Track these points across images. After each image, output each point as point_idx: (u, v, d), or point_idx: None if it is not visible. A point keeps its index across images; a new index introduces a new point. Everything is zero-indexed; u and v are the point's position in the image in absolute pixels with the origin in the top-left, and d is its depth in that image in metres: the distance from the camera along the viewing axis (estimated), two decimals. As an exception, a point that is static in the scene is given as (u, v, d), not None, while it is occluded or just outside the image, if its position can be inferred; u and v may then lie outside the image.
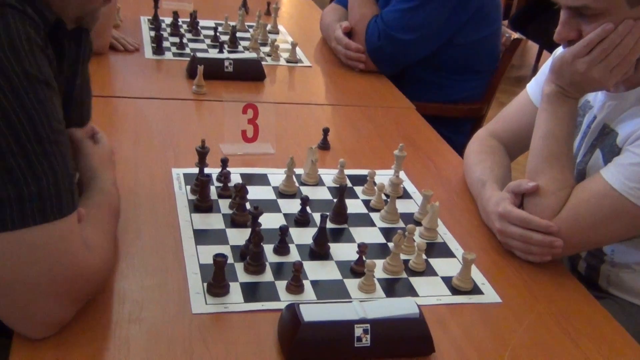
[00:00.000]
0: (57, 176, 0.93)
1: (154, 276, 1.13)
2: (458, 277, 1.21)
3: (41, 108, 0.92)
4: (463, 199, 1.53)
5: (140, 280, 1.12)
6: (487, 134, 1.62)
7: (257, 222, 1.20)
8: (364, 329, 0.99)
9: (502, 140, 1.59)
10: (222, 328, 1.05)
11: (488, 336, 1.12)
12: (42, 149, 0.92)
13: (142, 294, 1.08)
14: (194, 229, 1.27)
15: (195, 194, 1.35)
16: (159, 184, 1.41)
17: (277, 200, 1.41)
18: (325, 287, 1.17)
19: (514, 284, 1.26)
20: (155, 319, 1.04)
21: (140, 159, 1.50)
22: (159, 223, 1.27)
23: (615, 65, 1.25)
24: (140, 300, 1.07)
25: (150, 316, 1.04)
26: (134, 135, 1.61)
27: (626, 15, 1.22)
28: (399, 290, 1.20)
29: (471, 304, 1.19)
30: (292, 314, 1.00)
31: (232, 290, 1.12)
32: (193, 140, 1.56)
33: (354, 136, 1.79)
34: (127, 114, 1.73)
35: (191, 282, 1.12)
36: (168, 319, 1.04)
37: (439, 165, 1.68)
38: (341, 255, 1.26)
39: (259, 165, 1.55)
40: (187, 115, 1.78)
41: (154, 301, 1.07)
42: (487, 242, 1.37)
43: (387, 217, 1.39)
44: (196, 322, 1.05)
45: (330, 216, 1.35)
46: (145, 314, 1.04)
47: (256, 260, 1.17)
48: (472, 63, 2.27)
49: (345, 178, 1.52)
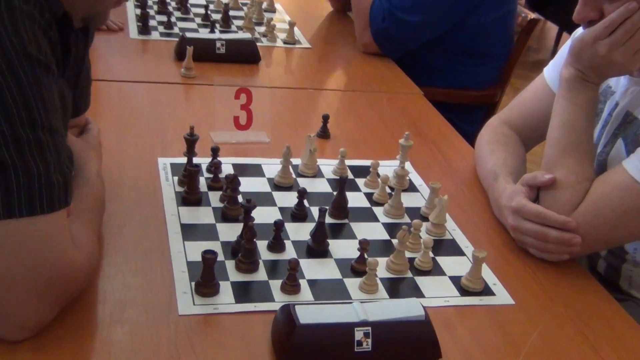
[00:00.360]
0: (49, 167, 0.93)
1: (138, 274, 1.13)
2: (467, 276, 1.21)
3: (38, 92, 0.92)
4: (474, 192, 1.52)
5: (123, 278, 1.12)
6: (500, 122, 1.61)
7: (250, 216, 1.20)
8: (365, 332, 0.99)
9: (517, 129, 1.59)
10: (211, 331, 1.05)
11: (499, 341, 1.12)
12: (36, 136, 0.91)
13: (125, 294, 1.08)
14: (182, 224, 1.27)
15: (183, 186, 1.35)
16: (144, 175, 1.41)
17: (272, 192, 1.41)
18: (323, 287, 1.17)
19: (528, 284, 1.26)
20: (139, 321, 1.04)
21: (124, 147, 1.50)
22: (143, 217, 1.27)
23: (639, 48, 1.25)
24: (123, 301, 1.07)
25: (133, 318, 1.04)
26: (117, 122, 1.61)
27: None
28: (404, 290, 1.20)
29: (481, 305, 1.19)
30: (287, 316, 1.00)
31: (222, 290, 1.12)
32: (181, 127, 1.56)
33: (356, 124, 1.79)
34: (110, 99, 1.72)
35: (178, 281, 1.12)
36: (153, 321, 1.04)
37: (448, 155, 1.68)
38: (341, 252, 1.26)
39: (252, 154, 1.55)
40: (175, 100, 1.77)
41: (137, 301, 1.07)
42: (500, 239, 1.37)
43: (391, 212, 1.39)
44: (183, 324, 1.05)
45: (330, 210, 1.35)
46: (128, 315, 1.04)
47: (249, 257, 1.17)
48: (485, 46, 2.26)
49: (346, 169, 1.51)
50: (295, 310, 1.00)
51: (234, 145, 1.57)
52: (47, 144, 0.93)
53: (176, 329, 1.04)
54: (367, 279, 1.17)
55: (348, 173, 1.51)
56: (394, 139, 1.63)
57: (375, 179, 1.48)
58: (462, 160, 1.67)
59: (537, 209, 1.30)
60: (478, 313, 1.17)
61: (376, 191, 1.45)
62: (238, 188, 1.30)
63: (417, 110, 1.91)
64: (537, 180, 1.32)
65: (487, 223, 1.42)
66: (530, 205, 1.30)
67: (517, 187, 1.35)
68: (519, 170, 1.47)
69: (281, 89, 1.91)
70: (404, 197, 1.41)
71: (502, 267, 1.29)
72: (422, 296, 1.18)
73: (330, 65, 2.17)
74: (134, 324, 1.03)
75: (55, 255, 0.95)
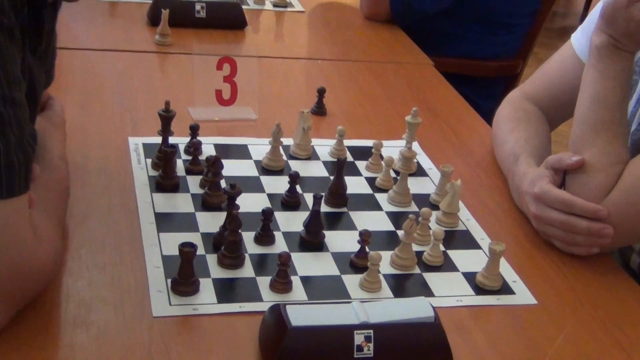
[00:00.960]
0: (9, 146, 0.92)
1: (106, 271, 1.13)
2: (483, 272, 1.22)
3: (0, 58, 0.91)
4: (491, 176, 1.53)
5: (89, 275, 1.12)
6: (521, 96, 1.61)
7: (235, 204, 1.20)
8: (366, 335, 1.00)
9: (540, 104, 1.59)
10: (190, 335, 1.05)
11: (519, 346, 1.12)
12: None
13: (91, 293, 1.08)
14: (156, 212, 1.27)
15: (158, 169, 1.35)
16: (113, 157, 1.40)
17: (259, 177, 1.41)
18: (318, 285, 1.17)
19: (553, 282, 1.26)
20: (107, 324, 1.04)
21: (89, 125, 1.50)
22: (112, 205, 1.27)
23: None
24: (89, 301, 1.07)
25: (100, 320, 1.04)
26: (82, 97, 1.60)
27: None
28: (411, 288, 1.20)
29: (499, 306, 1.19)
30: (277, 318, 1.01)
31: (202, 289, 1.12)
32: (155, 102, 1.55)
33: (357, 98, 1.79)
34: (74, 70, 1.72)
35: (152, 279, 1.13)
36: (123, 324, 1.04)
37: (461, 134, 1.68)
38: (339, 245, 1.26)
39: (237, 133, 1.55)
40: (149, 71, 1.77)
41: (105, 301, 1.07)
42: (520, 230, 1.38)
43: (396, 199, 1.39)
44: (158, 327, 1.05)
45: (326, 197, 1.35)
46: (94, 317, 1.05)
47: (233, 251, 1.17)
48: (504, 11, 2.26)
49: (344, 150, 1.52)
50: (286, 311, 1.00)
51: (216, 123, 1.57)
52: (8, 117, 0.92)
53: (150, 332, 1.04)
54: (368, 276, 1.17)
55: (347, 155, 1.51)
56: (400, 116, 1.63)
57: (378, 162, 1.48)
58: (477, 141, 1.67)
59: (563, 196, 1.30)
60: (495, 314, 1.18)
61: (379, 175, 1.45)
62: (220, 172, 1.30)
63: (427, 83, 1.90)
64: (564, 163, 1.33)
65: (506, 212, 1.42)
66: (555, 192, 1.31)
67: (540, 171, 1.36)
68: (542, 151, 1.47)
69: (270, 59, 1.91)
70: (411, 182, 1.42)
71: (523, 262, 1.30)
72: (432, 295, 1.18)
73: (327, 31, 2.17)
74: (102, 327, 1.03)
75: (15, 248, 0.94)
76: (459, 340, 1.10)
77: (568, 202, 1.29)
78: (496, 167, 1.54)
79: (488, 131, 1.68)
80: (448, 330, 1.05)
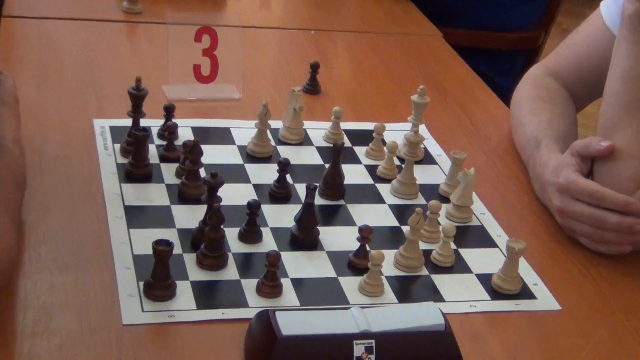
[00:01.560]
0: None
1: (69, 272, 1.13)
2: (500, 274, 1.22)
3: None
4: (509, 164, 1.53)
5: (50, 278, 1.12)
6: (544, 72, 1.62)
7: (216, 195, 1.20)
8: (367, 346, 1.00)
9: (565, 82, 1.59)
10: (165, 346, 1.05)
11: (541, 357, 1.13)
12: None
13: (52, 297, 1.09)
14: (126, 206, 1.27)
15: (128, 156, 1.35)
16: (76, 142, 1.40)
17: (244, 165, 1.41)
18: (312, 288, 1.17)
19: (579, 285, 1.27)
20: (71, 332, 1.04)
21: (47, 105, 1.50)
22: (75, 197, 1.27)
23: None
24: (49, 306, 1.07)
25: (63, 328, 1.04)
26: (39, 72, 1.60)
27: None
28: (417, 292, 1.21)
29: (518, 312, 1.20)
30: (265, 326, 1.01)
31: (179, 293, 1.12)
32: (124, 79, 1.55)
33: (355, 75, 1.79)
34: (29, 42, 1.71)
35: (121, 281, 1.13)
36: (89, 332, 1.04)
37: (475, 116, 1.69)
38: (335, 243, 1.26)
39: (218, 115, 1.55)
40: (116, 43, 1.77)
41: (68, 307, 1.08)
42: (542, 225, 1.38)
43: (401, 190, 1.40)
44: (128, 336, 1.05)
45: (320, 188, 1.35)
46: (56, 324, 1.05)
47: (214, 249, 1.17)
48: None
49: (341, 134, 1.52)
50: (275, 319, 1.00)
51: (193, 103, 1.57)
52: None
53: (119, 342, 1.04)
54: (369, 278, 1.18)
55: (344, 140, 1.51)
56: (405, 95, 1.63)
57: (380, 148, 1.48)
58: (493, 123, 1.67)
59: (591, 187, 1.30)
60: (514, 321, 1.18)
61: (381, 163, 1.45)
62: (200, 159, 1.30)
63: (436, 58, 1.91)
64: (592, 149, 1.33)
65: (527, 205, 1.43)
66: (582, 182, 1.31)
67: (565, 158, 1.36)
68: (567, 135, 1.47)
69: (256, 29, 1.91)
70: (417, 170, 1.42)
71: (546, 262, 1.30)
72: (442, 300, 1.19)
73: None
74: (65, 335, 1.03)
75: None
76: (473, 351, 1.10)
77: (597, 194, 1.29)
78: (515, 154, 1.55)
79: (505, 112, 1.69)
80: (460, 340, 1.05)
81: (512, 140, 1.58)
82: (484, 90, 1.80)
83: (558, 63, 1.62)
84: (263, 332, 1.01)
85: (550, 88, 1.58)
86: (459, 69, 1.88)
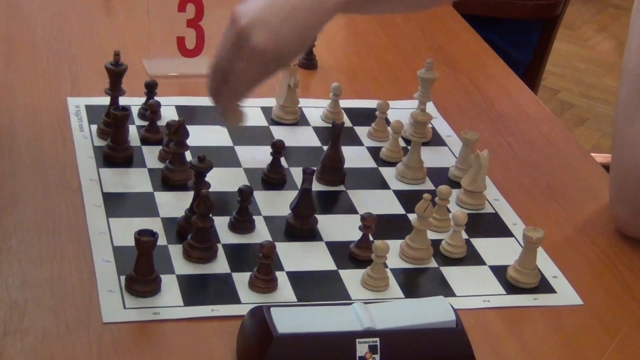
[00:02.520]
0: None
1: (43, 266, 1.14)
2: (517, 266, 1.23)
3: None
4: (525, 146, 1.54)
5: (22, 272, 1.12)
6: None
7: (204, 181, 1.20)
8: (371, 345, 1.00)
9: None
10: (149, 345, 1.06)
11: (562, 355, 1.14)
12: None
13: (25, 294, 1.09)
14: (104, 193, 1.27)
15: (106, 138, 1.36)
16: (48, 123, 1.41)
17: (234, 147, 1.42)
18: (310, 282, 1.18)
19: (603, 278, 1.28)
20: (46, 331, 1.04)
21: (16, 82, 1.50)
22: (48, 184, 1.27)
23: None
24: (22, 304, 1.07)
25: (37, 327, 1.05)
26: (6, 46, 1.60)
27: None
28: (425, 286, 1.21)
29: (536, 307, 1.20)
30: (259, 324, 1.01)
31: (165, 288, 1.13)
32: (101, 53, 1.55)
33: (355, 48, 1.79)
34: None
35: (101, 276, 1.13)
36: (65, 331, 1.05)
37: (488, 93, 1.69)
38: (335, 233, 1.27)
39: (205, 92, 1.54)
40: (91, 13, 1.76)
41: (43, 304, 1.08)
42: (562, 212, 1.39)
43: (407, 174, 1.40)
44: (109, 335, 1.05)
45: (318, 172, 1.36)
46: (29, 323, 1.05)
47: (203, 240, 1.18)
48: None
49: (341, 113, 1.52)
50: (270, 315, 1.01)
51: (178, 79, 1.57)
52: None
53: (99, 342, 1.04)
54: (372, 271, 1.18)
55: (344, 119, 1.52)
56: (411, 70, 1.63)
57: (384, 128, 1.49)
58: (508, 100, 1.67)
59: None
60: (531, 317, 1.19)
61: (385, 145, 1.46)
62: (185, 141, 1.31)
63: (444, 28, 1.91)
64: None
65: (544, 190, 1.43)
66: None
67: None
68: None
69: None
70: (424, 153, 1.42)
71: (566, 252, 1.31)
72: (452, 294, 1.19)
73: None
74: (39, 335, 1.04)
75: None
76: (487, 350, 1.11)
77: None
78: (532, 134, 1.56)
79: (522, 88, 1.69)
80: (473, 338, 1.05)
81: (529, 120, 1.58)
82: (498, 63, 1.80)
83: None
84: (257, 330, 1.01)
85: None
86: (470, 40, 1.88)
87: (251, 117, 1.46)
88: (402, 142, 1.46)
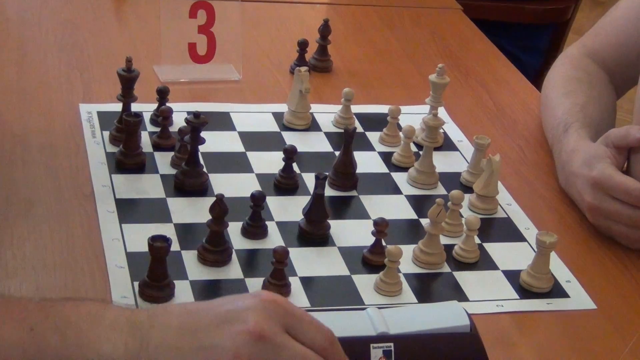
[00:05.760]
0: None
1: (56, 273, 1.14)
2: (530, 271, 1.23)
3: None
4: (537, 150, 1.54)
5: (35, 278, 1.12)
6: (582, 52, 1.60)
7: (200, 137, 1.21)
8: (385, 350, 1.00)
9: (604, 64, 1.58)
10: (164, 350, 1.07)
11: (575, 359, 1.15)
12: None
13: (39, 299, 1.10)
14: (117, 199, 1.28)
15: (118, 144, 1.36)
16: (60, 130, 1.41)
17: (246, 153, 1.42)
18: (323, 288, 1.19)
19: (616, 282, 1.28)
20: (61, 337, 1.05)
21: (29, 89, 1.50)
22: (61, 190, 1.28)
23: None
24: (36, 308, 1.08)
25: (52, 332, 1.06)
26: (19, 52, 1.61)
27: None
28: (439, 291, 1.22)
29: (550, 312, 1.21)
30: (272, 328, 1.02)
31: (178, 293, 1.13)
32: (113, 59, 1.56)
33: (367, 54, 1.79)
34: (8, 20, 1.71)
35: (114, 281, 1.13)
36: (80, 337, 1.06)
37: (499, 98, 1.69)
38: (348, 238, 1.28)
39: (216, 98, 1.56)
40: (103, 19, 1.76)
41: (57, 309, 1.09)
42: (576, 217, 1.39)
43: (419, 179, 1.40)
44: (124, 340, 1.06)
45: (331, 178, 1.36)
46: (44, 328, 1.06)
47: (217, 244, 1.18)
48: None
49: (352, 118, 1.53)
50: (284, 320, 1.01)
51: (189, 85, 1.57)
52: None
53: (114, 347, 1.05)
54: (385, 276, 1.19)
55: (356, 124, 1.52)
56: (422, 75, 1.64)
57: (396, 133, 1.49)
58: (519, 105, 1.67)
59: (629, 184, 1.27)
60: (545, 322, 1.19)
61: (397, 150, 1.46)
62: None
63: (455, 33, 1.91)
64: (630, 139, 1.32)
65: (557, 194, 1.43)
66: (619, 178, 1.28)
67: (598, 149, 1.34)
68: (600, 122, 1.46)
69: (257, 3, 1.90)
70: (437, 157, 1.43)
71: (580, 257, 1.31)
72: (466, 299, 1.20)
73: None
74: (54, 341, 1.04)
75: None
76: (501, 355, 1.11)
77: (635, 192, 1.27)
78: (544, 139, 1.55)
79: (533, 93, 1.69)
80: (486, 343, 1.05)
81: (540, 124, 1.58)
82: (509, 68, 1.80)
83: (597, 43, 1.60)
84: (271, 335, 1.02)
85: (588, 70, 1.56)
86: (481, 45, 1.88)
87: (262, 122, 1.48)
88: (414, 147, 1.46)
